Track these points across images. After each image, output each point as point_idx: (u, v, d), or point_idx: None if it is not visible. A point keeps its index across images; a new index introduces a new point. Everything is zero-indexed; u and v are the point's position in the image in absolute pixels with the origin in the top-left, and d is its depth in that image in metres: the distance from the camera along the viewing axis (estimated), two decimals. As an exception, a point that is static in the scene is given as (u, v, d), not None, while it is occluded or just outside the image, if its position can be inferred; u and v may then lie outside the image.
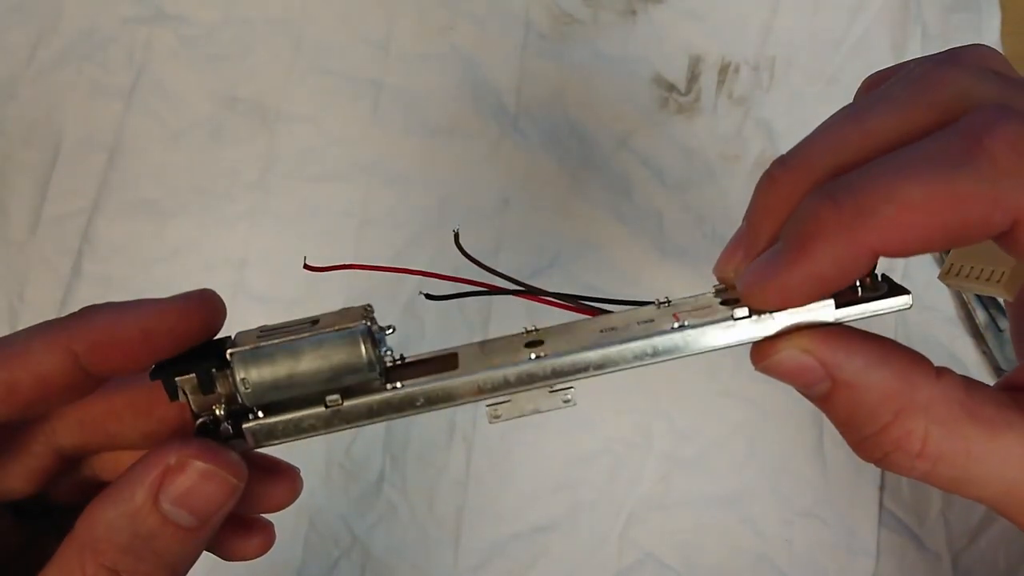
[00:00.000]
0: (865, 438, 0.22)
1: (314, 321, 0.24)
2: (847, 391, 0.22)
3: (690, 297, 0.25)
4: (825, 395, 0.22)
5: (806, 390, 0.23)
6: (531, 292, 0.26)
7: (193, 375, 0.23)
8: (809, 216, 0.20)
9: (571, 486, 0.51)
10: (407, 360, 0.25)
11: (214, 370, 0.23)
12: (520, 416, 0.24)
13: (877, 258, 0.20)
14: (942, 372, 0.22)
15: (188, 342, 0.23)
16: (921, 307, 0.52)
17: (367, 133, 0.56)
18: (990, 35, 0.56)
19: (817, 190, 0.20)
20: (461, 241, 0.27)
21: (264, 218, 0.55)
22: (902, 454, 0.21)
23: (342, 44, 0.58)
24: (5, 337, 0.23)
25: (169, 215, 0.55)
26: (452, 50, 0.58)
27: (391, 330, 0.24)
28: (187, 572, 0.24)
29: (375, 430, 0.51)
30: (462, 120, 0.57)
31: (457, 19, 0.58)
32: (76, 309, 0.26)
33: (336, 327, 0.23)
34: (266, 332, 0.23)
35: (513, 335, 0.25)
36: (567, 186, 0.55)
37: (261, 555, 0.28)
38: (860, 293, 0.23)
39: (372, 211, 0.55)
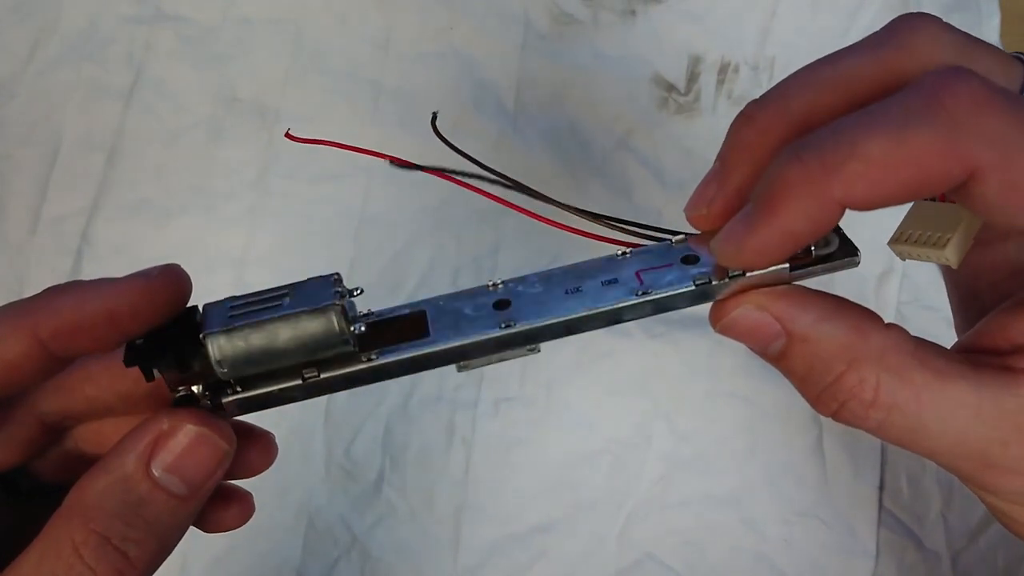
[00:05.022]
0: (822, 390, 0.23)
1: (283, 292, 0.24)
2: (803, 345, 0.23)
3: (654, 244, 0.26)
4: (782, 352, 0.23)
5: (764, 348, 0.23)
6: (505, 183, 0.27)
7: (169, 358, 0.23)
8: (777, 176, 0.21)
9: (571, 486, 0.51)
10: (376, 319, 0.25)
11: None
12: (487, 364, 0.25)
13: (844, 211, 0.20)
14: (892, 326, 0.23)
15: (155, 319, 0.23)
16: (921, 307, 0.52)
17: (366, 133, 0.56)
18: (990, 35, 0.56)
19: (784, 150, 0.21)
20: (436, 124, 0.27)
21: (264, 218, 0.55)
22: (857, 403, 0.22)
23: (342, 44, 0.58)
24: None
25: (169, 215, 0.55)
26: (451, 50, 0.58)
27: (359, 291, 0.25)
28: (175, 545, 0.24)
29: (375, 430, 0.51)
30: (461, 120, 0.57)
31: (456, 19, 0.58)
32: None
33: (309, 306, 0.23)
34: (237, 306, 0.23)
35: (478, 289, 0.25)
36: (567, 186, 0.55)
37: (240, 525, 0.27)
38: (813, 254, 0.24)
39: (371, 211, 0.55)
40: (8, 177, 0.55)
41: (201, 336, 0.23)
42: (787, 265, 0.23)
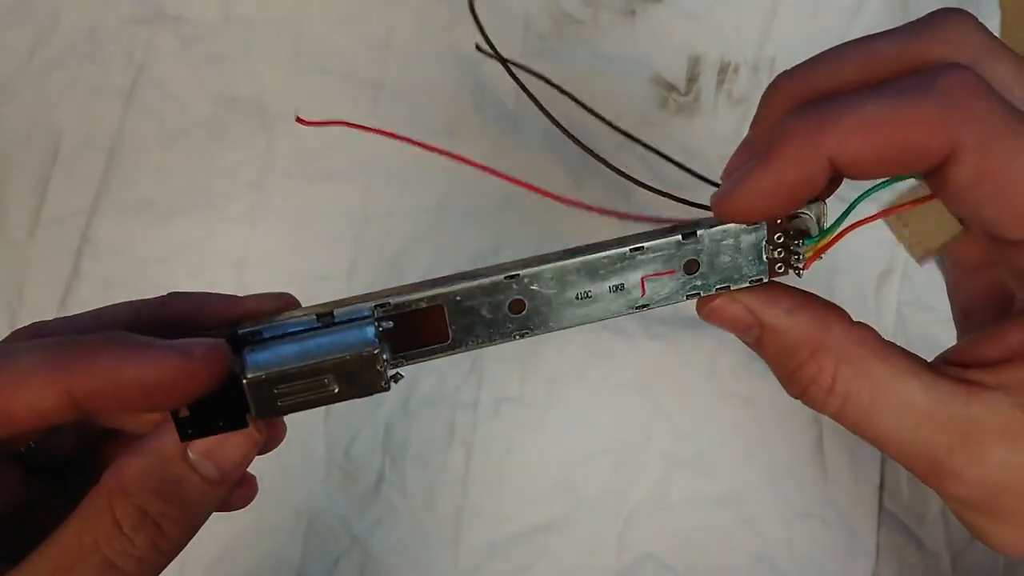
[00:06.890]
0: (788, 375, 0.25)
1: (327, 365, 0.25)
2: (772, 334, 0.25)
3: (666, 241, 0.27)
4: (758, 339, 0.25)
5: (744, 335, 0.26)
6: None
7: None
8: (778, 129, 0.23)
9: (571, 486, 0.51)
10: (394, 313, 0.26)
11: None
12: None
13: (833, 169, 0.22)
14: (859, 324, 0.25)
15: (189, 399, 0.24)
16: (921, 307, 0.52)
17: (367, 133, 0.56)
18: (990, 35, 0.56)
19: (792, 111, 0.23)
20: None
21: (264, 218, 0.55)
22: (816, 388, 0.24)
23: (342, 44, 0.58)
24: (3, 355, 0.23)
25: (169, 215, 0.55)
26: (452, 50, 0.58)
27: (387, 325, 0.26)
28: (202, 524, 0.26)
29: (375, 430, 0.51)
30: (462, 120, 0.56)
31: (457, 19, 0.58)
32: (75, 311, 0.26)
33: (361, 392, 0.25)
34: (285, 391, 0.25)
35: (494, 281, 0.25)
36: (567, 186, 0.55)
37: (244, 506, 0.29)
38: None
39: (372, 211, 0.55)
40: (8, 177, 0.55)
41: (247, 417, 0.25)
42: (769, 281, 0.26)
